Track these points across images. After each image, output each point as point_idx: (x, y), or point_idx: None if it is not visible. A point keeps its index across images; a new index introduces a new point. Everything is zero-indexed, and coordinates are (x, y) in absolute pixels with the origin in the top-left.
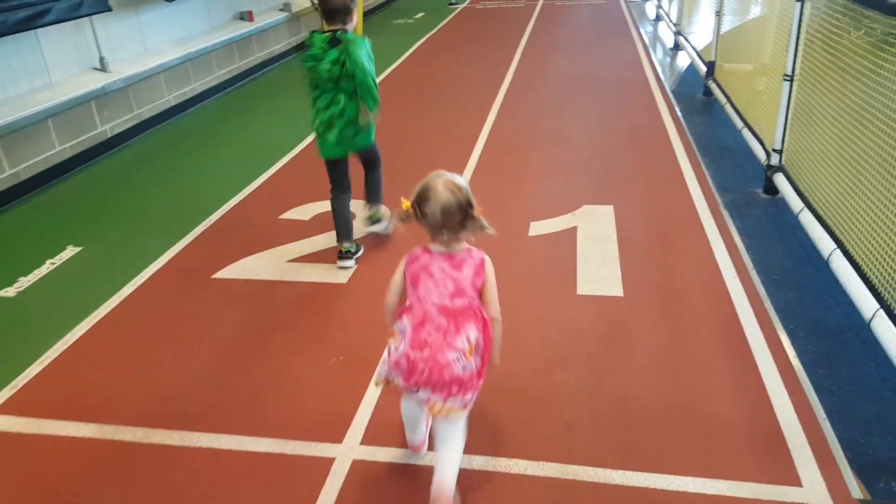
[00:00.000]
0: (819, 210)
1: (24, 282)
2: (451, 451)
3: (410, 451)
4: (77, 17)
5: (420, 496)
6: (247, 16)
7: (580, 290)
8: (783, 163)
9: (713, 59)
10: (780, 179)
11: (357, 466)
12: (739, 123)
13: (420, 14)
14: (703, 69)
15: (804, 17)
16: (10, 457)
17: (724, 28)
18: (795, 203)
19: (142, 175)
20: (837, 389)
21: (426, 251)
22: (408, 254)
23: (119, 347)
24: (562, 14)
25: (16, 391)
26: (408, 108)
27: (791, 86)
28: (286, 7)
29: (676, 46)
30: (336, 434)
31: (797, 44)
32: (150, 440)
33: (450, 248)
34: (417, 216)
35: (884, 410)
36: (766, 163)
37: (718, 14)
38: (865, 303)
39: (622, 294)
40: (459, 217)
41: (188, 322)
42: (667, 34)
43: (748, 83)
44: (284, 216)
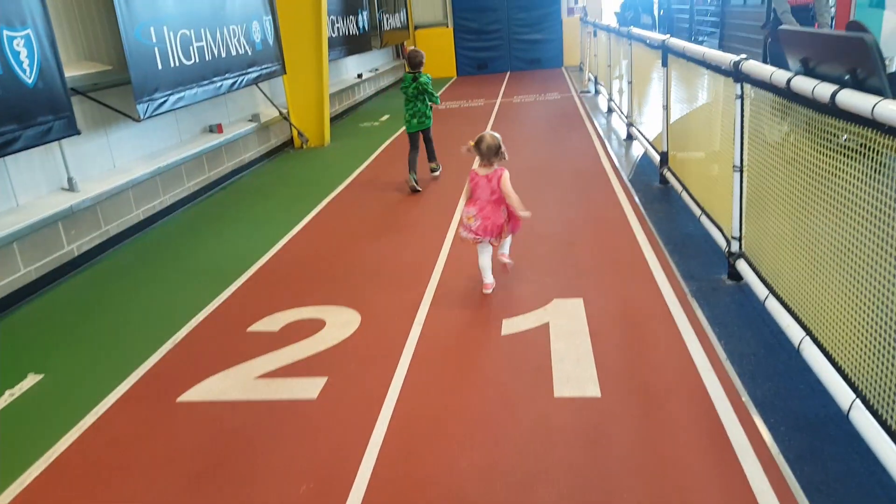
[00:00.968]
0: (784, 297)
1: None
2: (505, 245)
3: (483, 290)
4: (46, 143)
5: None
6: (216, 128)
7: (557, 393)
8: (743, 249)
9: (665, 150)
10: (743, 266)
11: None
12: (697, 211)
13: (385, 116)
14: (657, 158)
15: (745, 113)
16: None
17: (674, 117)
18: (760, 290)
19: (107, 294)
20: (826, 488)
21: (476, 174)
22: (469, 175)
23: (79, 486)
24: (519, 111)
25: None
26: (377, 207)
27: (741, 175)
28: (255, 118)
29: (630, 137)
30: None
31: (742, 137)
32: None
33: (488, 170)
34: (475, 149)
35: None
36: (727, 250)
37: (665, 107)
38: (841, 393)
39: (599, 395)
40: (495, 151)
41: (151, 453)
42: (620, 125)
43: (701, 171)
44: (253, 328)
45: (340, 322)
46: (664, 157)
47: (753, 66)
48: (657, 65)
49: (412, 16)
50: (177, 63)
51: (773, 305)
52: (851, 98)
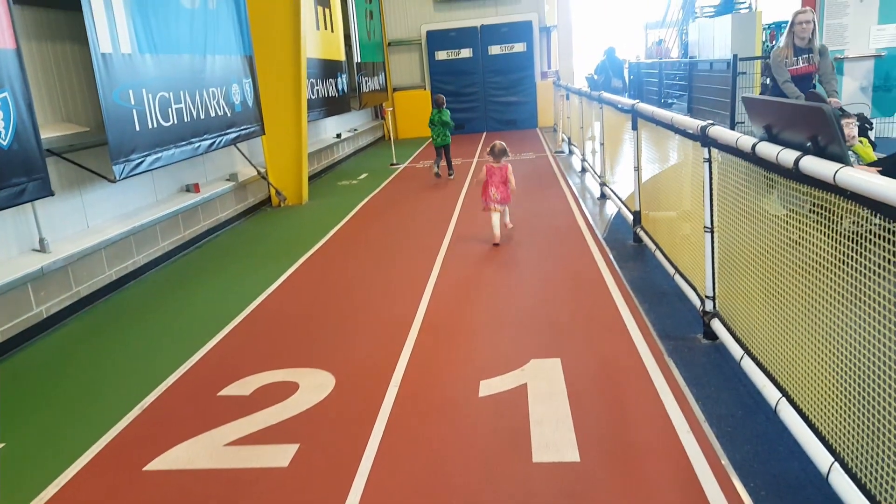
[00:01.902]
0: (759, 357)
1: None
2: (506, 215)
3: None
4: (19, 204)
5: None
6: (193, 188)
7: (536, 458)
8: (717, 308)
9: (638, 209)
10: (717, 325)
11: None
12: (671, 269)
13: (363, 175)
14: (631, 217)
15: (714, 175)
16: None
17: (645, 177)
18: (735, 350)
19: (75, 358)
20: None
21: (491, 167)
22: (486, 168)
23: None
24: None
25: None
26: (354, 264)
27: (712, 236)
28: (233, 177)
29: (603, 196)
30: None
31: (711, 199)
32: None
33: (498, 164)
34: (490, 153)
35: None
36: (702, 308)
37: (637, 168)
38: (819, 455)
39: (578, 459)
40: (502, 153)
41: None
42: (594, 185)
43: (674, 230)
44: (224, 392)
45: (314, 385)
46: (637, 217)
47: (720, 132)
48: (628, 126)
49: (391, 79)
50: (155, 125)
51: (749, 365)
52: (813, 164)
